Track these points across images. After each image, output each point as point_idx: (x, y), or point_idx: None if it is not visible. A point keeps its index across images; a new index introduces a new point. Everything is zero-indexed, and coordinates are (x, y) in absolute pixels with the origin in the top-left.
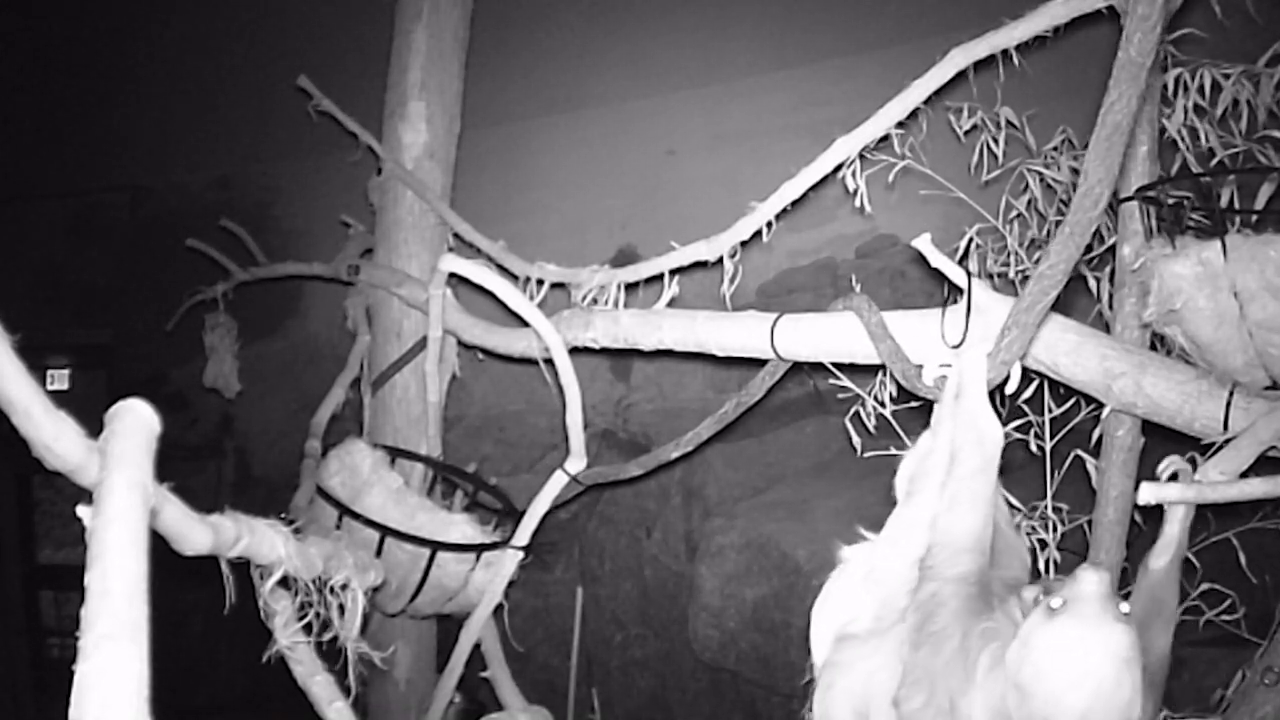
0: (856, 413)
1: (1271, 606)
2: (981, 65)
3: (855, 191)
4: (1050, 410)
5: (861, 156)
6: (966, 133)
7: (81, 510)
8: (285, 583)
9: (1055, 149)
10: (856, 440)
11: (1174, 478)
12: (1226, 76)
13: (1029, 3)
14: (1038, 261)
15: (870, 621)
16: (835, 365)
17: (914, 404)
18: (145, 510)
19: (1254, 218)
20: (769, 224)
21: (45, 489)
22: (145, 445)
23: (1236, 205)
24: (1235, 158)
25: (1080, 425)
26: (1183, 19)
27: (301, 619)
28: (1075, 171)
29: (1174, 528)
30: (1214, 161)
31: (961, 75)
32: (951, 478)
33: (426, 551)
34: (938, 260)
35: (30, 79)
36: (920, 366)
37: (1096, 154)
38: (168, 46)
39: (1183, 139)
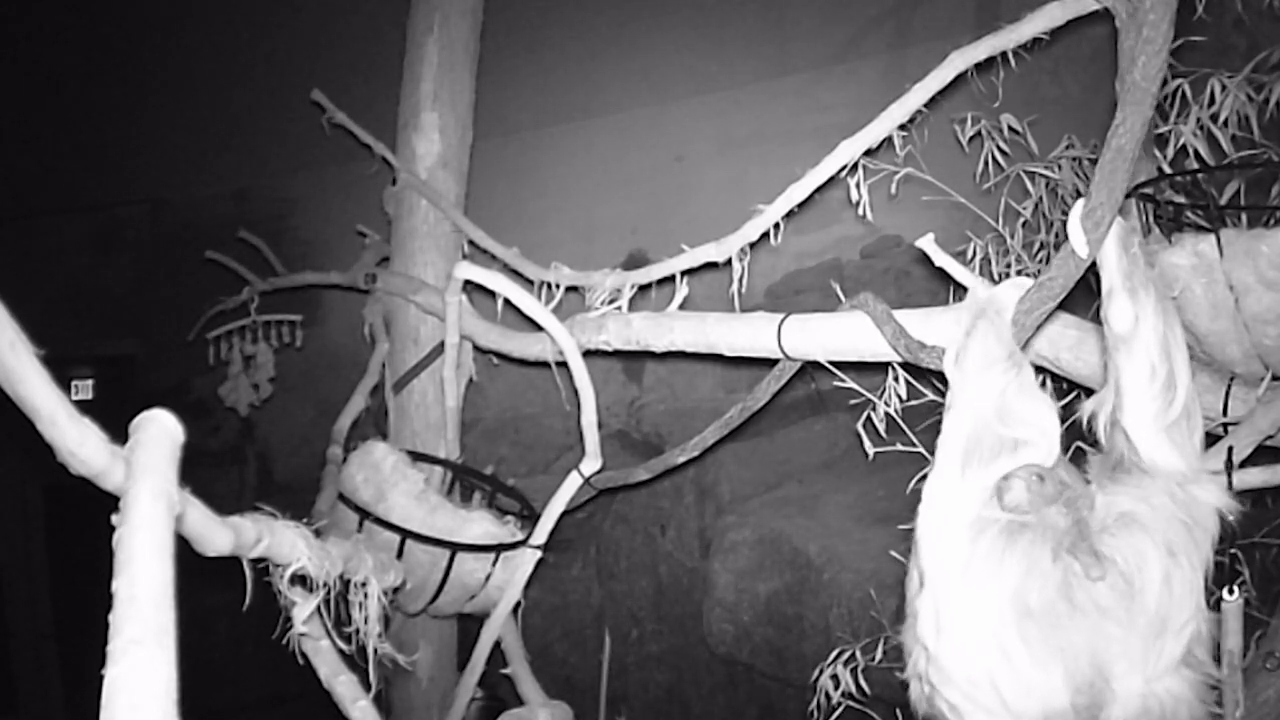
0: (867, 415)
1: (1271, 582)
2: (981, 69)
3: (858, 203)
4: None
5: (864, 166)
6: (970, 139)
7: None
8: (306, 583)
9: (1059, 157)
10: (868, 444)
11: None
12: (1224, 87)
13: (1027, 7)
14: (1040, 262)
15: None
16: (841, 365)
17: (919, 401)
18: (170, 518)
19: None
20: (776, 226)
21: None
22: (170, 454)
23: (1240, 202)
24: (1242, 158)
25: (1082, 418)
26: (1175, 26)
27: (322, 618)
28: (1076, 173)
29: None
30: (1225, 161)
31: (963, 79)
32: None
33: (447, 552)
34: (942, 260)
35: (50, 96)
36: (923, 343)
37: (1101, 176)
38: (185, 63)
39: (1194, 148)
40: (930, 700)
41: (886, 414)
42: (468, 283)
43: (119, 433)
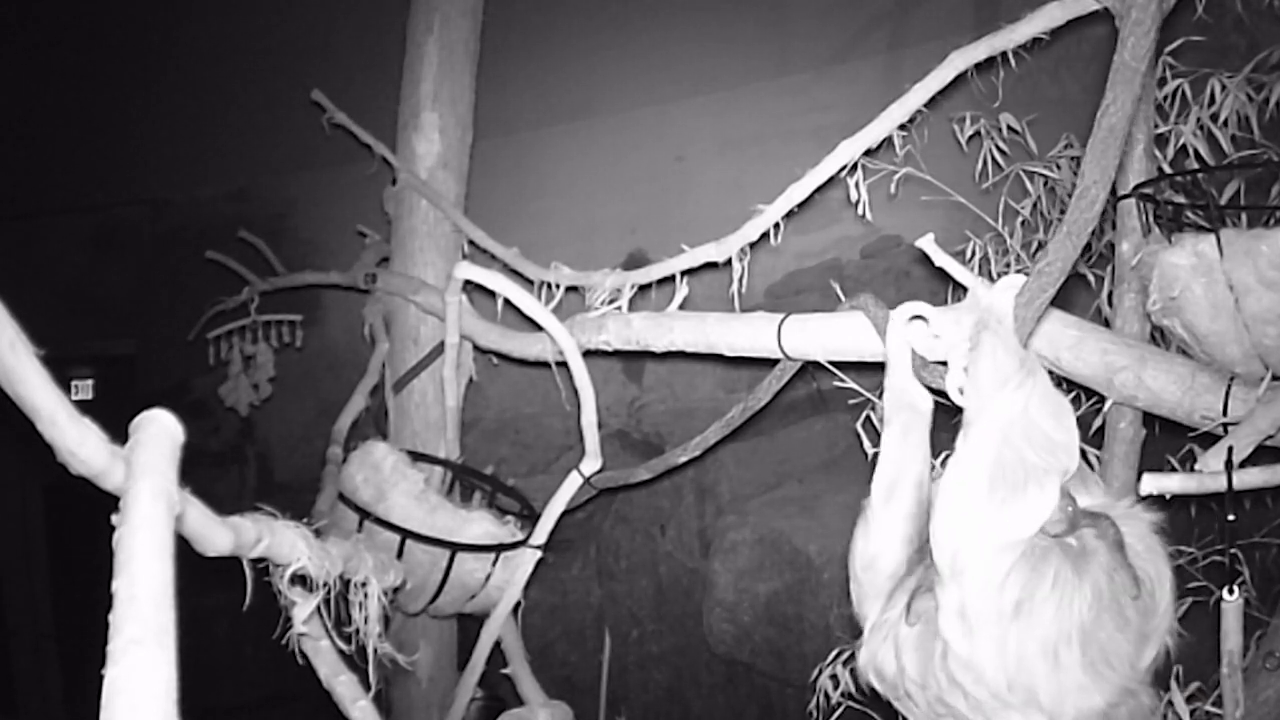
0: (866, 415)
1: (1271, 582)
2: (981, 69)
3: (858, 203)
4: None
5: (864, 166)
6: (969, 139)
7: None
8: (306, 583)
9: (1058, 156)
10: (867, 443)
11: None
12: (1224, 87)
13: (1027, 7)
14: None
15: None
16: (841, 365)
17: None
18: (170, 518)
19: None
20: (776, 226)
21: None
22: (170, 454)
23: (1240, 202)
24: (1242, 158)
25: (1082, 418)
26: (1175, 26)
27: (322, 618)
28: (1075, 173)
29: None
30: (1225, 161)
31: (963, 79)
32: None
33: (447, 552)
34: (941, 260)
35: (50, 96)
36: (924, 359)
37: (1093, 156)
38: (184, 62)
39: (1194, 148)
40: (924, 688)
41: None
42: (468, 283)
43: (119, 433)
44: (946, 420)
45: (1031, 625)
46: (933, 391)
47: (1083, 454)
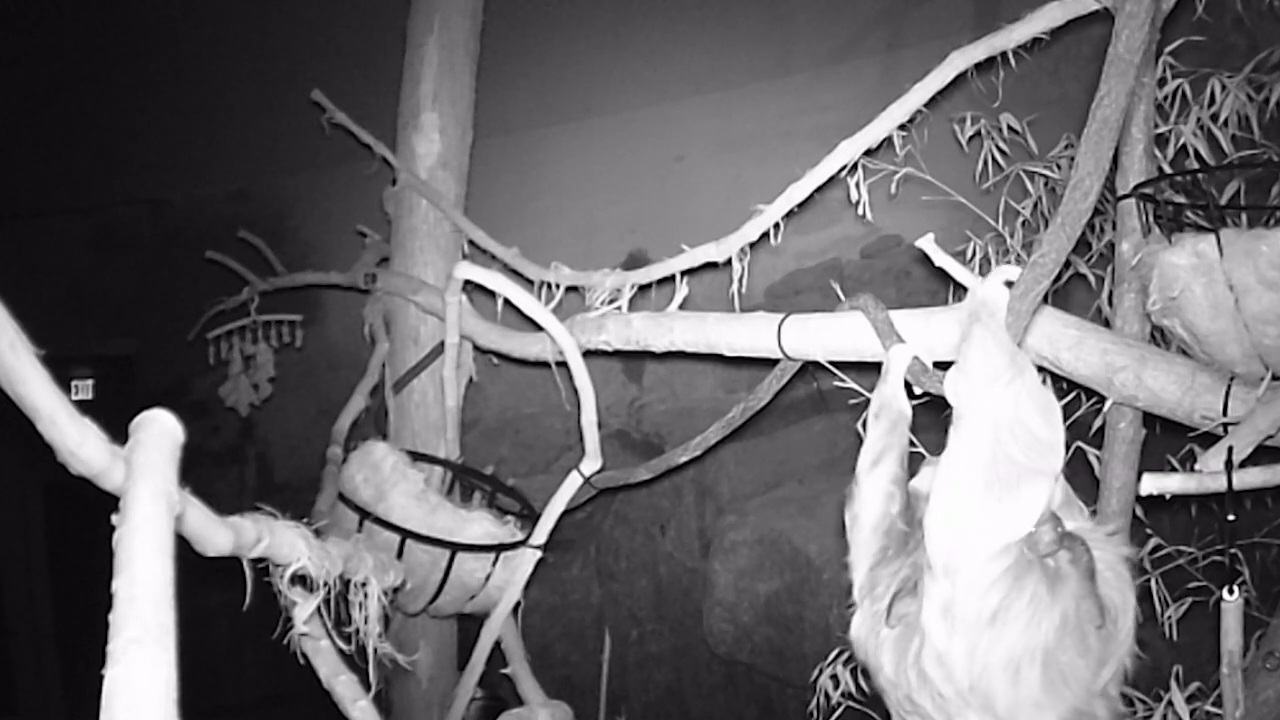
0: (866, 415)
1: (1271, 582)
2: (981, 69)
3: (858, 203)
4: None
5: (864, 166)
6: (970, 139)
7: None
8: (306, 583)
9: (1059, 156)
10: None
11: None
12: (1224, 87)
13: (1027, 7)
14: None
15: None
16: (842, 364)
17: (919, 401)
18: (170, 518)
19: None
20: (776, 226)
21: None
22: (170, 454)
23: (1241, 202)
24: (1242, 158)
25: (1082, 418)
26: (1175, 26)
27: (322, 618)
28: None
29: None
30: (1225, 161)
31: (963, 79)
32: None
33: (447, 552)
34: (941, 260)
35: (50, 96)
36: (925, 366)
37: (1087, 147)
38: (185, 62)
39: (1194, 148)
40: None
41: None
42: (468, 283)
43: (119, 433)
44: (940, 419)
45: (1001, 636)
46: (930, 394)
47: (1083, 454)
